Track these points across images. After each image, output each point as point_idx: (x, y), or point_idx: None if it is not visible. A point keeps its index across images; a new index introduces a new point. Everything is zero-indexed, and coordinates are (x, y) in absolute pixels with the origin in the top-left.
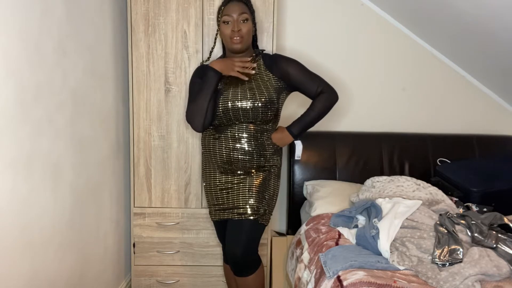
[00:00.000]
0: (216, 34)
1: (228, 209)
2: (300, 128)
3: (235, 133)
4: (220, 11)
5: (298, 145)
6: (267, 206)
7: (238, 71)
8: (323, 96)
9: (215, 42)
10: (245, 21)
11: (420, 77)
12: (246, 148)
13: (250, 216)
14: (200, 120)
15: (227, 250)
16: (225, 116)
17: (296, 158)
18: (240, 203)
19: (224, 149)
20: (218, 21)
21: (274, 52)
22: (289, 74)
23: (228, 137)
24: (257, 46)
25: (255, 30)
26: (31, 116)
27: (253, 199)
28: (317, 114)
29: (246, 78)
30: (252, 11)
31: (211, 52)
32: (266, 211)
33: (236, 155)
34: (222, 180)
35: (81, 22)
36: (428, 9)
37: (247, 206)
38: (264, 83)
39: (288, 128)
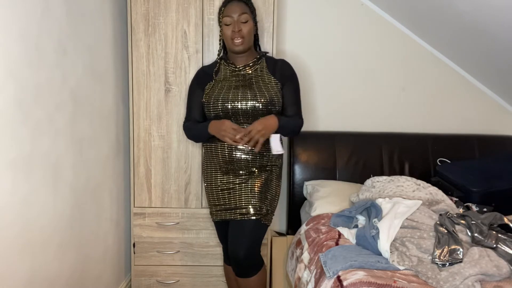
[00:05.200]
0: (221, 36)
1: (230, 210)
2: (283, 122)
3: None
4: (221, 12)
5: (275, 138)
6: (270, 206)
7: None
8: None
9: (220, 44)
10: (246, 22)
11: (420, 77)
12: (248, 148)
13: (252, 216)
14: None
15: (230, 251)
16: (224, 117)
17: (274, 152)
18: (242, 203)
19: (226, 149)
20: (219, 22)
21: (274, 52)
22: (284, 85)
23: None
24: (259, 46)
25: (256, 29)
26: (31, 116)
27: (255, 199)
28: (293, 125)
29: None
30: (252, 10)
31: (218, 54)
32: (269, 211)
33: (238, 154)
34: (224, 180)
35: (81, 22)
36: (428, 9)
37: (250, 206)
38: (265, 85)
39: (276, 115)
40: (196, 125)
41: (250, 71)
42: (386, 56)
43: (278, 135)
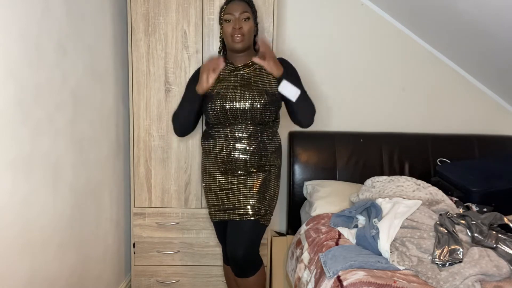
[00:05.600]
0: (221, 34)
1: (229, 210)
2: (291, 80)
3: (235, 133)
4: (222, 10)
5: (287, 85)
6: (268, 206)
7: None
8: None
9: (220, 42)
10: (247, 20)
11: (420, 77)
12: (247, 148)
13: (251, 216)
14: (180, 133)
15: (228, 252)
16: (223, 116)
17: (292, 96)
18: (241, 203)
19: (225, 149)
20: (220, 20)
21: (274, 52)
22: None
23: (228, 137)
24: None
25: (257, 30)
26: (31, 116)
27: (254, 199)
28: (307, 99)
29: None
30: (254, 11)
31: (219, 52)
32: (267, 212)
33: (236, 154)
34: (222, 180)
35: (81, 22)
36: (428, 9)
37: (248, 207)
38: (264, 84)
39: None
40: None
41: (248, 71)
42: (386, 56)
43: (287, 82)
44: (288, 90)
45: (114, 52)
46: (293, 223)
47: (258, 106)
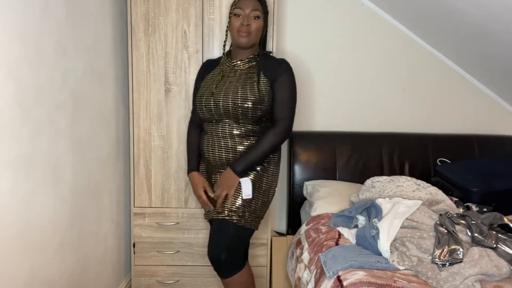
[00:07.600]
0: (227, 28)
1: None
2: (244, 165)
3: (226, 132)
4: (234, 4)
5: (245, 182)
6: (252, 208)
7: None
8: (273, 131)
9: (226, 35)
10: (256, 18)
11: (420, 77)
12: (236, 148)
13: (226, 216)
14: None
15: (208, 251)
16: (216, 113)
17: (244, 197)
18: (224, 203)
19: (216, 147)
20: (230, 13)
21: (274, 52)
22: (275, 82)
23: (219, 136)
24: (264, 49)
25: (266, 31)
26: (31, 116)
27: (237, 200)
28: (261, 153)
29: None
30: (265, 12)
31: (224, 46)
32: (251, 214)
33: (225, 154)
34: (212, 180)
35: (81, 22)
36: (428, 9)
37: (231, 207)
38: (257, 83)
39: (232, 165)
40: (190, 145)
41: (242, 65)
42: (386, 56)
43: (247, 179)
44: (245, 188)
45: (114, 52)
46: (293, 223)
47: (249, 105)
